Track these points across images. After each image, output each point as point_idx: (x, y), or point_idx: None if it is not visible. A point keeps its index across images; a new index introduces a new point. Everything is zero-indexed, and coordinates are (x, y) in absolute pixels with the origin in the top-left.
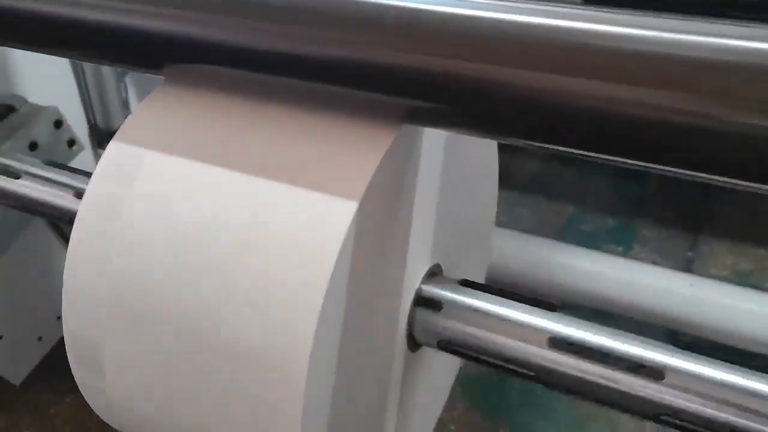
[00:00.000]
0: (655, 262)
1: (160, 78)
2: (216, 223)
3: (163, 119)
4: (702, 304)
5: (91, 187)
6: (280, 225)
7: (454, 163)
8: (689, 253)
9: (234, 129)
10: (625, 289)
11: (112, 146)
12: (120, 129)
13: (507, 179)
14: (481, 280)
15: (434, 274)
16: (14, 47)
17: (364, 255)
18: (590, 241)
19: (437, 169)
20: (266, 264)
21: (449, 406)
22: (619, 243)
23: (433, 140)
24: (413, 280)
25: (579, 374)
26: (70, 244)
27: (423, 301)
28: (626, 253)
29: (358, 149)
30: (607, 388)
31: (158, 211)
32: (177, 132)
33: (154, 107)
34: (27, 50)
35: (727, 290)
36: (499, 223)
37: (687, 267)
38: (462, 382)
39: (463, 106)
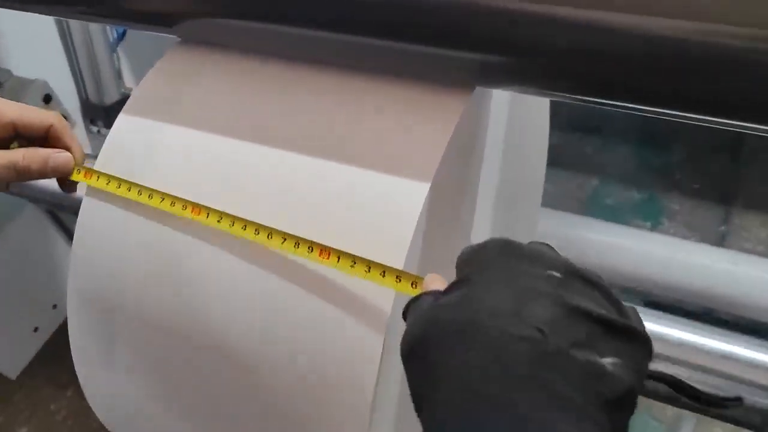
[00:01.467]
0: (685, 238)
1: (163, 44)
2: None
3: (180, 88)
4: (739, 280)
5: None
6: (351, 212)
7: (514, 138)
8: (722, 227)
9: (269, 99)
10: (657, 265)
11: (122, 120)
12: (131, 99)
13: None
14: None
15: None
16: (13, 8)
17: (433, 237)
18: (616, 216)
19: (499, 143)
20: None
21: None
22: (647, 218)
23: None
24: None
25: None
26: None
27: None
28: (655, 229)
29: (426, 118)
30: None
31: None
32: (200, 103)
33: (167, 73)
34: (29, 10)
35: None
36: None
37: (720, 242)
38: None
39: (550, 56)
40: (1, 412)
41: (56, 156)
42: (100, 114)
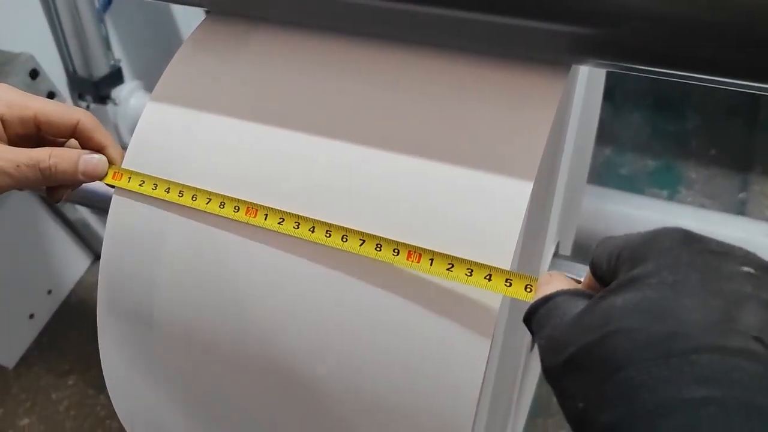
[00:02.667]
0: (704, 206)
1: (151, 10)
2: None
3: (219, 69)
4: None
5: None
6: (443, 209)
7: (584, 116)
8: (741, 194)
9: (331, 83)
10: None
11: (151, 108)
12: (160, 83)
13: None
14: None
15: (556, 254)
16: None
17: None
18: (632, 186)
19: (575, 123)
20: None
21: None
22: (664, 186)
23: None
24: (545, 264)
25: None
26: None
27: None
28: (672, 198)
29: (523, 103)
30: None
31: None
32: (246, 86)
33: (200, 52)
34: None
35: None
36: None
37: (740, 209)
38: None
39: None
40: (0, 403)
41: (87, 158)
42: (89, 88)
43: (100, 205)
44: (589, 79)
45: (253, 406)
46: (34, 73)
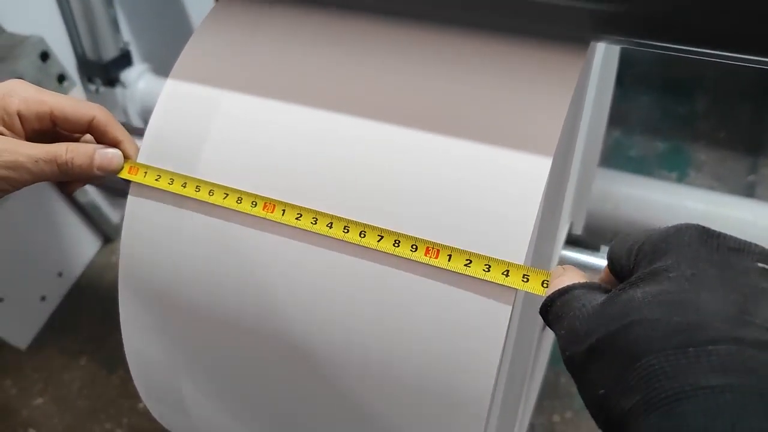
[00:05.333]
0: (713, 188)
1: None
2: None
3: (236, 51)
4: None
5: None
6: (459, 201)
7: (599, 97)
8: (750, 177)
9: (349, 62)
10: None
11: (166, 99)
12: (176, 67)
13: None
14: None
15: (569, 234)
16: None
17: (542, 220)
18: (641, 168)
19: (591, 103)
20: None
21: None
22: (673, 168)
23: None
24: (559, 245)
25: None
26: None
27: None
28: (682, 180)
29: (540, 83)
30: None
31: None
32: (262, 69)
33: (220, 29)
34: None
35: None
36: None
37: (749, 191)
38: None
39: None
40: (14, 383)
41: (103, 152)
42: (98, 71)
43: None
44: (604, 59)
45: (262, 375)
46: (45, 56)
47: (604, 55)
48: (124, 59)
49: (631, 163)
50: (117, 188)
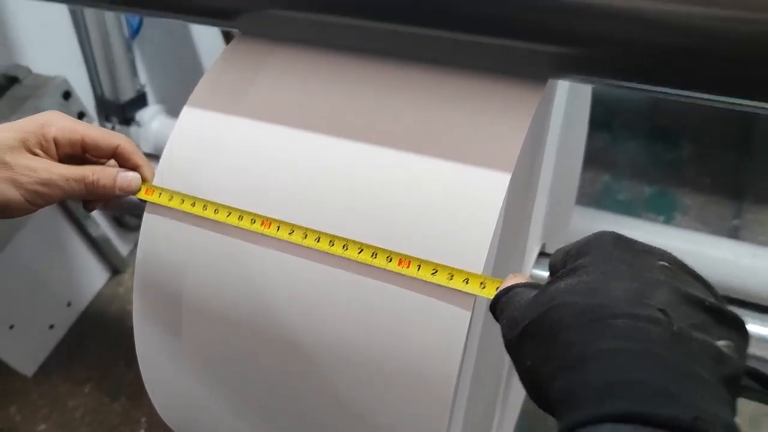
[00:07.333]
0: (698, 231)
1: (176, 39)
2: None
3: (245, 86)
4: (757, 272)
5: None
6: (428, 216)
7: (566, 134)
8: (735, 221)
9: (339, 97)
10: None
11: (179, 131)
12: (192, 97)
13: None
14: None
15: (542, 254)
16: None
17: (504, 236)
18: (629, 211)
19: (556, 139)
20: (427, 239)
21: None
22: (660, 212)
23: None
24: (529, 265)
25: None
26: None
27: None
28: (669, 223)
29: (502, 109)
30: None
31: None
32: (266, 101)
33: (230, 66)
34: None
35: None
36: None
37: (733, 235)
38: None
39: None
40: (19, 409)
41: (124, 174)
42: (116, 110)
43: (133, 212)
44: (570, 97)
45: (263, 372)
46: (67, 95)
47: (569, 93)
48: (140, 100)
49: (620, 206)
50: (127, 223)
